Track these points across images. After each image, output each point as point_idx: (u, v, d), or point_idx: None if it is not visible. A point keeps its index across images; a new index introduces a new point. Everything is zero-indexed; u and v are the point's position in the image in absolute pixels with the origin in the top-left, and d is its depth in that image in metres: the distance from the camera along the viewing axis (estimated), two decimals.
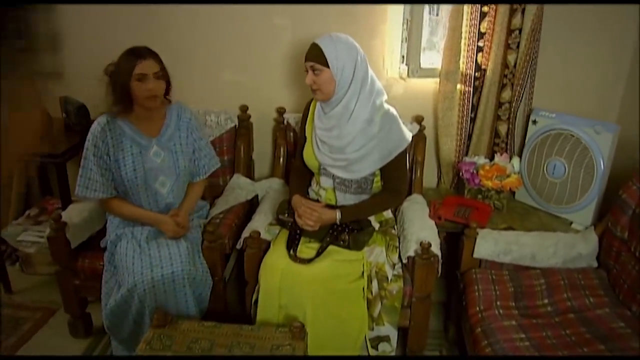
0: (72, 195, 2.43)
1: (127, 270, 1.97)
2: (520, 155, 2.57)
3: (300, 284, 1.91)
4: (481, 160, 2.51)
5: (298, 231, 2.06)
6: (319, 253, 1.99)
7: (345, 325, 1.97)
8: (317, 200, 2.14)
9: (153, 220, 2.11)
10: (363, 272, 2.00)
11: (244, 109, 2.62)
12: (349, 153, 2.02)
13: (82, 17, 2.62)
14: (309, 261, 1.96)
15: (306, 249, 2.04)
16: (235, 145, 2.61)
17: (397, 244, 2.17)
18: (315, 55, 1.96)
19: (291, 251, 2.00)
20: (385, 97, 2.07)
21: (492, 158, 2.55)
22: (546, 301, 2.00)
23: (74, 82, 2.72)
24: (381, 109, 2.03)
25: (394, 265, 2.08)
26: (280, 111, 2.62)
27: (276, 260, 1.98)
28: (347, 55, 1.94)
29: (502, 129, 2.58)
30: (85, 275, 2.18)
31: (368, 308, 2.00)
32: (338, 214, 2.03)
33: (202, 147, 2.24)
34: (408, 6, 2.50)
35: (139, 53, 1.97)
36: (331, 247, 2.03)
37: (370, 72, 2.02)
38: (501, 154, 2.53)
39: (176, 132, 2.16)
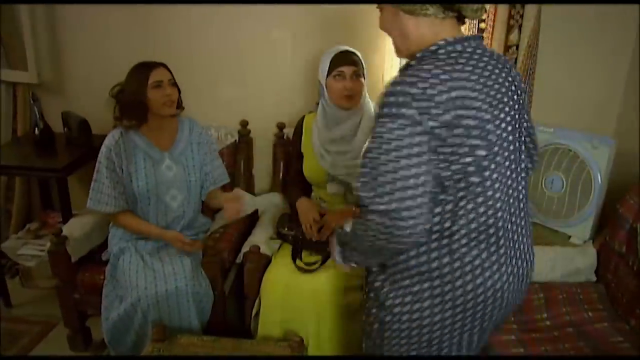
0: (72, 210, 2.44)
1: (131, 285, 1.98)
2: None
3: (304, 299, 1.92)
4: None
5: (300, 241, 2.08)
6: (322, 262, 2.02)
7: (347, 337, 1.98)
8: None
9: (162, 237, 2.13)
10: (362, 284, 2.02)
11: (244, 123, 2.64)
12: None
13: (82, 33, 2.66)
14: (312, 270, 1.99)
15: (309, 260, 2.07)
16: (235, 160, 2.63)
17: None
18: (356, 62, 2.05)
19: (297, 261, 2.03)
20: None
21: None
22: (545, 315, 2.01)
23: (75, 98, 2.75)
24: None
25: None
26: (281, 126, 2.63)
27: (278, 275, 1.99)
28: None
29: None
30: (85, 289, 2.19)
31: None
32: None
33: (213, 160, 2.27)
34: None
35: (149, 64, 2.03)
36: (331, 260, 2.04)
37: None
38: None
39: (188, 146, 2.19)
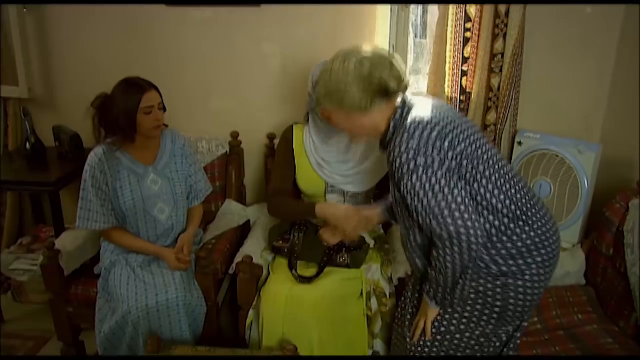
0: (65, 223, 2.44)
1: (121, 297, 1.98)
2: None
3: (305, 310, 1.91)
4: None
5: (295, 252, 2.10)
6: (319, 272, 2.03)
7: (351, 345, 1.99)
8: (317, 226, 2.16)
9: (155, 253, 2.13)
10: (362, 291, 2.03)
11: (234, 135, 2.66)
12: (362, 165, 2.09)
13: (72, 47, 2.68)
14: (310, 279, 2.00)
15: (306, 271, 2.08)
16: (226, 171, 2.64)
17: (392, 258, 2.19)
18: None
19: (293, 271, 2.04)
20: None
21: None
22: (535, 319, 2.03)
23: (66, 112, 2.76)
24: None
25: (390, 280, 2.11)
26: (271, 137, 2.66)
27: (278, 288, 1.99)
28: None
29: None
30: (78, 303, 2.18)
31: (368, 325, 2.02)
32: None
33: (196, 172, 2.27)
34: (394, 32, 2.57)
35: (141, 86, 2.00)
36: (330, 268, 2.06)
37: None
38: None
39: (171, 158, 2.19)
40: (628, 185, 2.24)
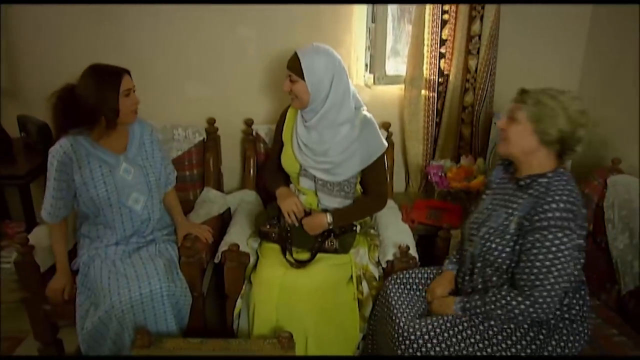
0: (37, 218, 2.34)
1: (103, 292, 1.91)
2: (484, 157, 2.65)
3: (300, 296, 1.90)
4: (448, 163, 2.58)
5: (289, 240, 2.07)
6: (312, 257, 2.02)
7: (344, 330, 1.99)
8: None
9: (58, 266, 2.06)
10: (352, 275, 2.02)
11: (211, 121, 2.60)
12: (331, 156, 2.05)
13: (39, 33, 2.54)
14: (304, 264, 1.99)
15: (297, 257, 2.06)
16: (204, 158, 2.58)
17: (378, 243, 2.20)
18: (293, 66, 1.97)
19: (287, 255, 2.02)
20: (363, 104, 2.11)
21: (458, 160, 2.62)
22: None
23: (31, 101, 2.62)
24: (359, 113, 2.07)
25: (378, 264, 2.11)
26: (248, 123, 2.61)
27: (271, 274, 1.97)
28: (325, 70, 1.95)
29: (466, 131, 2.66)
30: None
31: (360, 309, 2.02)
32: (328, 217, 2.05)
33: (165, 157, 2.23)
34: (371, 15, 2.55)
35: (116, 71, 1.94)
36: (319, 255, 2.04)
37: (350, 82, 2.05)
38: (466, 156, 2.61)
39: (142, 146, 2.12)
40: (603, 163, 2.30)
